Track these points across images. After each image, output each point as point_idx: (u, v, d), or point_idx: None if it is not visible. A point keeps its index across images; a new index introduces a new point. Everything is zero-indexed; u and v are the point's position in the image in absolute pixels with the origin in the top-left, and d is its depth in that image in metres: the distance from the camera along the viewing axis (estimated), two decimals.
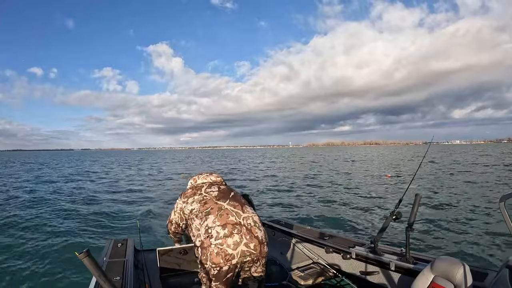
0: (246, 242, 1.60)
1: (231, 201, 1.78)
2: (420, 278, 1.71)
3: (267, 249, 1.70)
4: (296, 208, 8.15)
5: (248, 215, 1.73)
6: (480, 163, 19.25)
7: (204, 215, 1.71)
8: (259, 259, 1.69)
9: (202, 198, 1.81)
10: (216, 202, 1.76)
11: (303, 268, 2.80)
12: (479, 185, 10.51)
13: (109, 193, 11.98)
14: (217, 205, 1.74)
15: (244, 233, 1.62)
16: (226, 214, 1.68)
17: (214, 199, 1.79)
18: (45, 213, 8.14)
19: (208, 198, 1.80)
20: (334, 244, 2.83)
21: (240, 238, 1.59)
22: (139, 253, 2.96)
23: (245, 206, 1.79)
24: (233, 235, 1.59)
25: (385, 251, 2.48)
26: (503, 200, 1.56)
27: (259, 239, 1.64)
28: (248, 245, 1.60)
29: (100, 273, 1.22)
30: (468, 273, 1.51)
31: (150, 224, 6.76)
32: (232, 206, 1.74)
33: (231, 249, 1.56)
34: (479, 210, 6.89)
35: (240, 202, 1.81)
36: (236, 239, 1.59)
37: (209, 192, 1.85)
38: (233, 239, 1.58)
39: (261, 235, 1.68)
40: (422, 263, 2.16)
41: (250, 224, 1.67)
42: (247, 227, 1.65)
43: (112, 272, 2.11)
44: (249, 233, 1.63)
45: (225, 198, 1.80)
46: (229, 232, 1.59)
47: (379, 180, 13.88)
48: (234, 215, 1.68)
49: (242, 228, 1.63)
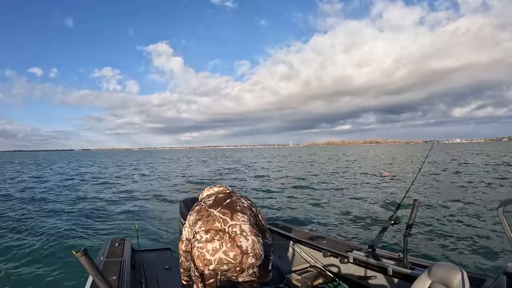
0: (225, 250, 1.56)
1: (222, 208, 1.75)
2: (417, 283, 1.70)
3: (254, 260, 1.58)
4: (293, 211, 8.13)
5: (236, 223, 1.65)
6: (478, 163, 19.33)
7: (195, 222, 1.74)
8: (244, 270, 1.61)
9: (199, 208, 1.82)
10: (207, 210, 1.76)
11: (300, 272, 2.79)
12: (477, 189, 10.51)
13: (107, 193, 11.96)
14: (207, 212, 1.74)
15: (226, 240, 1.58)
16: (212, 220, 1.67)
17: (206, 207, 1.79)
18: (42, 212, 8.12)
19: (203, 207, 1.80)
20: (332, 248, 2.83)
21: (220, 245, 1.57)
22: (136, 253, 2.96)
23: (236, 214, 1.70)
24: (214, 241, 1.58)
25: (383, 256, 2.48)
26: (502, 206, 1.56)
27: (242, 249, 1.56)
28: (227, 253, 1.55)
29: (96, 272, 1.22)
30: (465, 279, 1.50)
31: (148, 224, 6.74)
32: (221, 213, 1.71)
33: (209, 254, 1.55)
34: (477, 216, 6.89)
35: (232, 209, 1.73)
36: (216, 245, 1.57)
37: (205, 201, 1.85)
38: (213, 245, 1.57)
39: (247, 244, 1.58)
40: (420, 268, 2.16)
41: (235, 232, 1.61)
42: (230, 234, 1.60)
43: (108, 271, 2.11)
44: (231, 241, 1.58)
45: (217, 205, 1.78)
46: (210, 238, 1.59)
47: (377, 179, 13.88)
48: (221, 222, 1.66)
49: (225, 235, 1.59)
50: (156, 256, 3.13)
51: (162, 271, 2.71)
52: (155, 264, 2.86)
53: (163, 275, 2.64)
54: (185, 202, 3.65)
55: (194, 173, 21.32)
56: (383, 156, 39.87)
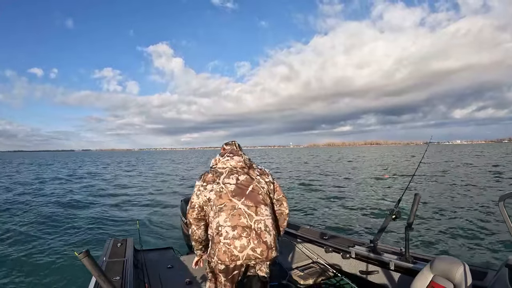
0: (253, 246, 1.59)
1: (246, 200, 1.69)
2: (420, 277, 1.71)
3: (276, 253, 1.68)
4: (295, 208, 8.15)
5: (261, 218, 1.67)
6: (475, 163, 19.34)
7: (218, 211, 1.67)
8: (264, 262, 1.72)
9: (219, 190, 1.71)
10: (230, 199, 1.68)
11: (302, 268, 2.80)
12: (478, 184, 10.54)
13: (109, 193, 11.97)
14: (231, 203, 1.67)
15: (253, 237, 1.61)
16: (238, 215, 1.64)
17: (229, 194, 1.69)
18: (42, 213, 8.13)
19: (224, 193, 1.69)
20: (334, 243, 2.84)
21: (248, 242, 1.59)
22: (139, 253, 2.96)
23: (260, 207, 1.70)
24: (242, 238, 1.59)
25: (385, 251, 2.49)
26: (502, 200, 1.57)
27: (267, 244, 1.63)
28: (255, 250, 1.60)
29: (99, 273, 1.22)
30: (467, 272, 1.51)
31: (150, 224, 6.76)
32: (246, 206, 1.67)
33: (238, 251, 1.58)
34: (478, 209, 6.90)
35: (255, 201, 1.71)
36: (244, 242, 1.59)
37: (226, 185, 1.72)
38: (241, 242, 1.59)
39: (270, 240, 1.65)
40: (422, 262, 2.17)
41: (260, 228, 1.64)
42: (257, 231, 1.63)
43: (111, 272, 2.11)
44: (257, 237, 1.62)
45: (241, 195, 1.70)
46: (238, 235, 1.59)
47: (377, 180, 13.89)
48: (247, 217, 1.64)
49: (252, 232, 1.61)
50: (158, 255, 3.14)
51: (164, 270, 2.72)
52: (158, 264, 2.87)
53: (165, 274, 2.65)
54: (186, 201, 3.66)
55: (195, 173, 21.34)
56: (383, 157, 39.87)
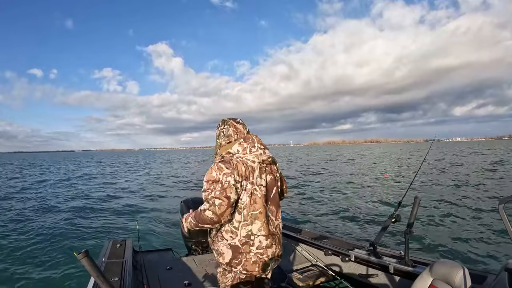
0: (278, 252, 1.65)
1: (271, 205, 1.63)
2: (419, 281, 1.70)
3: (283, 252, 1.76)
4: (294, 210, 8.13)
5: (279, 222, 1.70)
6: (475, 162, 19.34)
7: (251, 217, 1.53)
8: None
9: (253, 192, 1.53)
10: (264, 205, 1.57)
11: (302, 270, 2.80)
12: (477, 186, 10.51)
13: (108, 194, 11.95)
14: (265, 210, 1.57)
15: (277, 243, 1.65)
16: (267, 223, 1.59)
17: (263, 198, 1.56)
18: (42, 214, 8.12)
19: (258, 197, 1.54)
20: (333, 246, 2.84)
21: (276, 248, 1.63)
22: (138, 254, 2.96)
23: (279, 211, 1.69)
24: (272, 246, 1.61)
25: (384, 254, 2.49)
26: (502, 203, 1.57)
27: (281, 245, 1.71)
28: (278, 254, 1.66)
29: (98, 273, 1.22)
30: (467, 276, 1.51)
31: (149, 225, 6.74)
32: (271, 212, 1.63)
33: (269, 259, 1.59)
34: (477, 213, 6.89)
35: (276, 205, 1.67)
36: (274, 249, 1.61)
37: (260, 187, 1.56)
38: (272, 249, 1.60)
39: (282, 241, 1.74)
40: (421, 266, 2.16)
41: (279, 233, 1.69)
42: (278, 236, 1.67)
43: (110, 272, 2.11)
44: (279, 242, 1.67)
45: (269, 200, 1.62)
46: (270, 243, 1.59)
47: (378, 180, 13.88)
48: (271, 224, 1.62)
49: (275, 238, 1.63)
50: (157, 256, 3.14)
51: (163, 272, 2.71)
52: (157, 265, 2.87)
53: (165, 275, 2.64)
54: (186, 202, 3.66)
55: (195, 173, 21.32)
56: (384, 156, 39.84)
